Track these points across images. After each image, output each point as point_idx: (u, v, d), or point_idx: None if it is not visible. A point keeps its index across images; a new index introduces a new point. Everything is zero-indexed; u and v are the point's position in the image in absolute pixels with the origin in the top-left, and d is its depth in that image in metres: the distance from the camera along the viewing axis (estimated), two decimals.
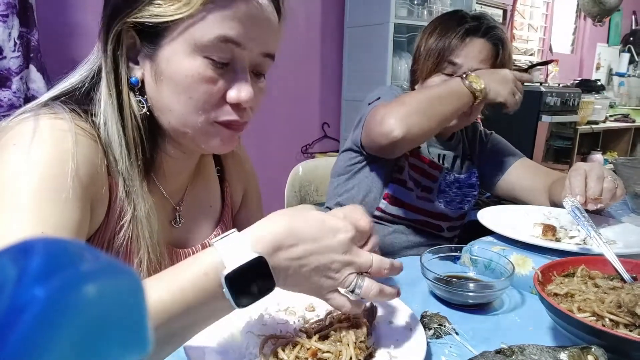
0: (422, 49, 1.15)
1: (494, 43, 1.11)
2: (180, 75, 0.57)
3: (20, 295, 0.15)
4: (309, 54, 2.70)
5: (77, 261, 0.16)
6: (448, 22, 1.15)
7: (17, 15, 1.49)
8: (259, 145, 2.55)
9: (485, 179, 1.31)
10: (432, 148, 1.23)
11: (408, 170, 1.17)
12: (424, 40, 1.16)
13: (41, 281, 0.15)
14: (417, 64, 1.18)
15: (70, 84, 0.62)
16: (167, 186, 0.70)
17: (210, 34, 0.56)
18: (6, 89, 1.50)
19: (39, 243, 0.17)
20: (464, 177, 1.26)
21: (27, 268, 0.15)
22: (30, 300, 0.15)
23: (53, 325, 0.15)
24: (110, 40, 0.58)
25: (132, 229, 0.61)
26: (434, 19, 1.21)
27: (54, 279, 0.15)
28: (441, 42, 1.11)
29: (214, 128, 0.62)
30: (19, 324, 0.14)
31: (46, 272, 0.15)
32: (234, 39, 0.57)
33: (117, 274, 0.17)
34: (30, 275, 0.15)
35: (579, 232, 0.85)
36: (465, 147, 1.31)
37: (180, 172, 0.72)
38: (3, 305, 0.15)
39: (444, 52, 1.11)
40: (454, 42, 1.10)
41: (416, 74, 1.19)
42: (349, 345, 0.51)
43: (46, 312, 0.15)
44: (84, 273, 0.16)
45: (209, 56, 0.57)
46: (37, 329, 0.14)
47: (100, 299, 0.16)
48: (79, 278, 0.16)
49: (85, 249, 0.17)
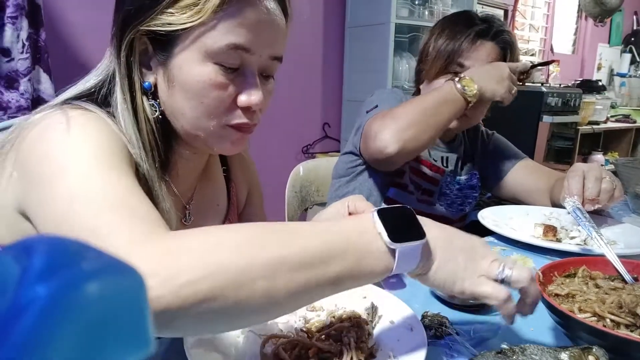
0: (431, 50, 1.15)
1: (502, 47, 1.11)
2: (192, 81, 0.58)
3: (22, 293, 0.15)
4: (310, 54, 2.70)
5: (79, 260, 0.16)
6: (457, 23, 1.14)
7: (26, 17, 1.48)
8: (260, 145, 2.54)
9: (487, 180, 1.30)
10: (434, 151, 1.23)
11: (409, 174, 1.17)
12: (432, 40, 1.16)
13: (43, 280, 0.15)
14: (424, 65, 1.17)
15: (86, 88, 0.63)
16: (179, 186, 0.71)
17: (220, 42, 0.57)
18: (14, 90, 1.50)
19: (41, 242, 0.17)
20: (465, 178, 1.25)
21: (29, 266, 0.15)
22: (32, 299, 0.15)
23: (55, 324, 0.15)
24: (124, 47, 0.59)
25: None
26: (442, 20, 1.21)
27: (56, 277, 0.15)
28: (451, 44, 1.11)
29: (226, 131, 0.63)
30: (22, 323, 0.14)
31: (48, 270, 0.15)
32: (244, 46, 0.58)
33: (120, 273, 0.17)
34: (32, 273, 0.15)
35: (579, 232, 0.85)
36: (466, 148, 1.30)
37: (192, 172, 0.74)
38: (5, 303, 0.15)
39: (454, 54, 1.10)
40: (465, 45, 1.10)
41: (422, 74, 1.18)
42: (350, 345, 0.51)
43: (48, 310, 0.15)
44: (86, 271, 0.16)
45: (219, 62, 0.58)
46: (39, 327, 0.14)
47: (103, 297, 0.16)
48: (81, 276, 0.16)
49: (87, 248, 0.18)
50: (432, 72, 1.14)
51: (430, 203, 1.20)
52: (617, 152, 3.97)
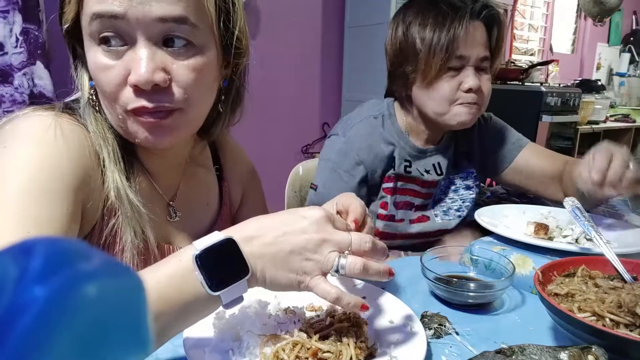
0: (418, 45, 0.99)
1: (488, 24, 1.00)
2: (90, 70, 0.58)
3: (20, 295, 0.15)
4: (310, 54, 2.70)
5: (77, 261, 0.16)
6: (432, 4, 0.99)
7: (20, 12, 1.49)
8: (259, 145, 2.55)
9: (489, 168, 1.21)
10: (423, 161, 1.11)
11: (392, 202, 1.09)
12: (410, 33, 1.00)
13: (42, 281, 0.15)
14: (413, 64, 1.01)
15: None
16: (159, 183, 0.70)
17: (87, 17, 0.55)
18: (8, 84, 1.51)
19: (40, 243, 0.17)
20: (461, 177, 1.17)
21: (27, 268, 0.15)
22: (30, 300, 0.15)
23: (53, 325, 0.15)
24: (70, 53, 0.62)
25: (122, 227, 0.62)
26: (406, 5, 1.05)
27: (55, 278, 0.15)
28: (444, 33, 0.95)
29: (130, 118, 0.58)
30: (20, 324, 0.14)
31: (46, 272, 0.15)
32: (107, 12, 0.53)
33: (118, 274, 0.17)
34: (30, 275, 0.15)
35: (572, 231, 0.85)
36: (459, 143, 1.18)
37: (168, 169, 0.72)
38: (4, 305, 0.15)
39: (451, 44, 0.95)
40: (460, 31, 0.95)
41: (409, 77, 1.03)
42: (349, 345, 0.51)
43: (47, 311, 0.15)
44: (84, 273, 0.16)
45: (101, 42, 0.55)
46: (37, 328, 0.14)
47: (101, 298, 0.16)
48: (79, 278, 0.16)
49: (85, 249, 0.17)
50: (431, 72, 0.98)
51: (425, 218, 1.13)
52: None
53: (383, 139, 1.08)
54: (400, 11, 1.07)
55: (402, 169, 1.09)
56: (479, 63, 1.01)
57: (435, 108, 1.04)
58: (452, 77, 1.00)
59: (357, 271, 0.49)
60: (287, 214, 0.51)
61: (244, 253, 0.47)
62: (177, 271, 0.46)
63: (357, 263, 0.49)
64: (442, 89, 1.00)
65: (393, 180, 1.09)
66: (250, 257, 0.47)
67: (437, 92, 1.01)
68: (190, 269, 0.45)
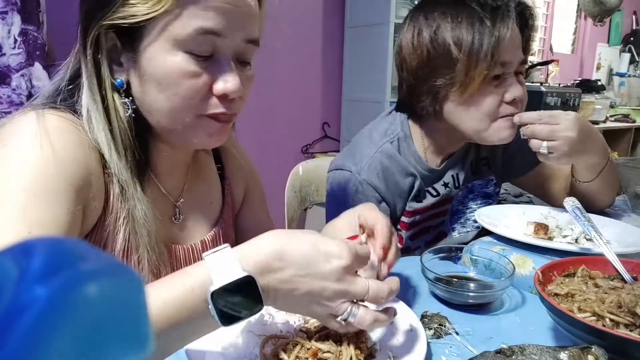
0: (456, 52, 0.84)
1: (520, 21, 0.89)
2: (163, 73, 0.57)
3: (21, 294, 0.15)
4: (310, 54, 2.70)
5: (78, 261, 0.16)
6: (460, 4, 0.86)
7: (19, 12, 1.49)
8: (259, 145, 2.54)
9: (510, 172, 1.13)
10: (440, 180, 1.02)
11: (408, 237, 1.01)
12: (448, 39, 0.85)
13: (42, 281, 0.15)
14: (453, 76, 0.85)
15: (55, 89, 0.63)
16: (165, 183, 0.70)
17: (188, 28, 0.56)
18: (5, 86, 1.51)
19: (40, 243, 0.17)
20: (479, 184, 1.08)
21: (28, 268, 0.15)
22: (31, 300, 0.15)
23: (54, 325, 0.15)
24: (89, 45, 0.58)
25: (129, 228, 0.62)
26: (420, 6, 0.92)
27: (55, 278, 0.15)
28: (486, 37, 0.82)
29: (203, 122, 0.61)
30: (20, 324, 0.14)
31: (47, 271, 0.15)
32: (212, 30, 0.57)
33: (118, 274, 0.17)
34: (31, 275, 0.15)
35: (572, 231, 0.85)
36: (479, 148, 1.08)
37: (175, 169, 0.72)
38: (4, 304, 0.15)
39: (495, 49, 0.83)
40: (505, 33, 0.83)
41: (442, 91, 0.88)
42: (349, 346, 0.51)
43: (47, 311, 0.15)
44: (85, 272, 0.16)
45: (190, 50, 0.57)
46: (38, 328, 0.14)
47: (101, 298, 0.16)
48: (80, 277, 0.16)
49: (86, 249, 0.18)
50: (473, 84, 0.84)
51: (442, 235, 1.06)
52: (616, 151, 3.97)
53: (401, 170, 0.97)
54: (417, 13, 0.91)
55: (421, 201, 1.01)
56: (520, 68, 0.91)
57: (475, 125, 0.90)
58: (495, 87, 0.88)
59: (365, 325, 0.49)
60: (311, 247, 0.48)
61: (260, 287, 0.46)
62: (187, 298, 0.45)
63: (367, 319, 0.49)
64: (485, 103, 0.87)
65: (411, 215, 1.01)
66: (264, 288, 0.47)
67: (478, 107, 0.88)
68: (202, 298, 0.45)
